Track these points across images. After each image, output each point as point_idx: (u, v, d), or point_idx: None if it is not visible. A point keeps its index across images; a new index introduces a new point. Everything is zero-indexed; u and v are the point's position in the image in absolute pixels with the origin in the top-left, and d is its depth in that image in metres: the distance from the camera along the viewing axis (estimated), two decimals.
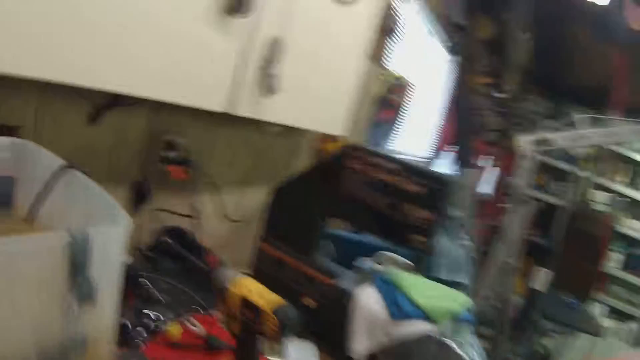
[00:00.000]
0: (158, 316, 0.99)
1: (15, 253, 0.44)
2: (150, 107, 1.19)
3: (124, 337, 0.90)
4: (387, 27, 2.08)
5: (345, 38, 1.43)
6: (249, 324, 0.76)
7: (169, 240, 1.23)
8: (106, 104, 1.13)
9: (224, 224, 1.51)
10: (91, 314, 0.52)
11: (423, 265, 1.37)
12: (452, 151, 3.57)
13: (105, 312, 0.55)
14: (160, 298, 1.05)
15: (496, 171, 4.11)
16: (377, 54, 2.08)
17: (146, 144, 1.27)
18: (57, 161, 0.71)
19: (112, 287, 0.56)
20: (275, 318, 0.72)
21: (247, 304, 0.76)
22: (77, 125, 1.13)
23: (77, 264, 0.48)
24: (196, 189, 1.35)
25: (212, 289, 0.81)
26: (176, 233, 1.26)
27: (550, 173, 4.41)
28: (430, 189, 1.18)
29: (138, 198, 1.29)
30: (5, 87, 0.97)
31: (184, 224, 1.33)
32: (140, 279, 1.06)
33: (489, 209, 3.68)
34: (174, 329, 0.98)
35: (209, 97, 1.07)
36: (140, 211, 1.30)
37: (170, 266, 1.18)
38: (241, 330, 0.79)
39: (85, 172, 0.68)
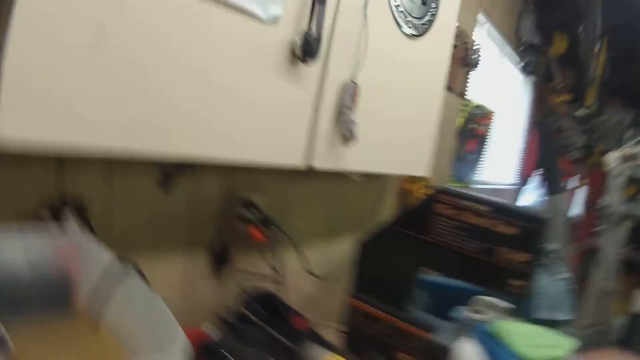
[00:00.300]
0: None
1: None
2: (223, 166, 1.16)
3: None
4: (462, 56, 1.98)
5: (422, 73, 1.35)
6: None
7: (250, 309, 1.17)
8: (176, 168, 1.12)
9: (309, 282, 1.45)
10: None
11: (522, 307, 1.28)
12: (538, 175, 3.38)
13: None
14: None
15: (584, 190, 3.84)
16: (455, 85, 1.98)
17: (222, 204, 1.24)
18: (107, 255, 0.63)
19: None
20: None
21: None
22: (149, 193, 1.12)
23: None
24: (277, 247, 1.31)
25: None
26: (261, 297, 1.21)
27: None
28: (525, 229, 1.11)
29: (218, 262, 1.26)
30: (81, 164, 0.99)
31: (267, 284, 1.29)
32: (222, 351, 0.98)
33: (581, 230, 3.43)
34: None
35: (284, 154, 1.03)
36: (221, 275, 1.27)
37: (256, 335, 1.11)
38: None
39: (134, 266, 0.61)
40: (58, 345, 0.58)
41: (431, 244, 1.17)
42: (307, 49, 0.93)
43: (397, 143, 1.26)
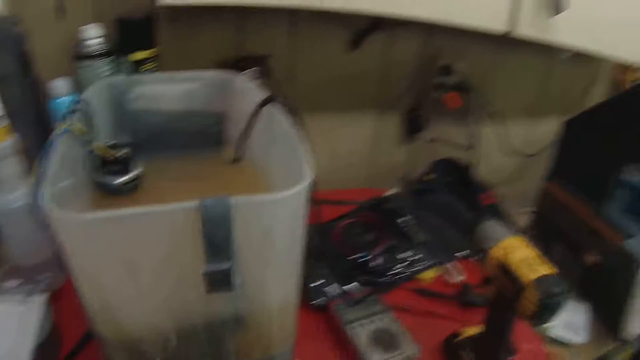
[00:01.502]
0: (413, 259, 0.94)
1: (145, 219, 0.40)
2: (421, 28, 1.11)
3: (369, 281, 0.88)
4: None
5: None
6: (504, 296, 0.65)
7: (437, 177, 1.17)
8: (367, 28, 1.09)
9: (506, 158, 1.37)
10: (250, 291, 0.46)
11: None
12: None
13: (275, 286, 0.49)
14: (420, 240, 0.99)
15: None
16: None
17: (418, 69, 1.20)
18: (261, 95, 0.65)
19: (288, 255, 0.49)
20: (535, 292, 0.59)
21: (507, 271, 0.64)
22: (337, 52, 1.12)
23: (212, 241, 0.41)
24: (474, 118, 1.24)
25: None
26: (450, 166, 1.17)
27: None
28: None
29: (412, 128, 1.25)
30: (256, 18, 1.02)
31: (461, 156, 1.24)
32: (399, 219, 1.01)
33: None
34: (426, 275, 0.93)
35: (485, 16, 0.93)
36: (412, 141, 1.27)
37: (438, 203, 1.11)
38: (494, 302, 0.68)
39: (287, 105, 0.62)
40: (203, 177, 0.61)
41: None
42: None
43: (614, 21, 1.03)
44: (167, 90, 0.70)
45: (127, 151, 0.63)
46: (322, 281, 0.88)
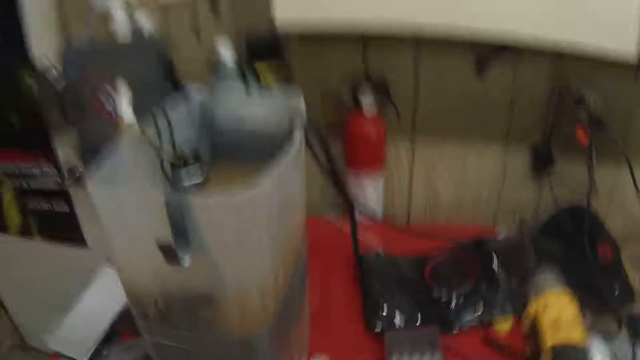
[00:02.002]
0: (492, 306, 0.87)
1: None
2: (552, 54, 1.04)
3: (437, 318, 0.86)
4: None
5: None
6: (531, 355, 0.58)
7: (553, 221, 1.09)
8: (493, 52, 1.08)
9: (637, 209, 1.15)
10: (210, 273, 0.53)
11: None
12: None
13: (232, 272, 0.54)
14: (509, 287, 0.90)
15: None
16: None
17: (549, 98, 1.12)
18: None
19: (248, 248, 0.53)
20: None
21: (535, 330, 0.58)
22: (461, 77, 1.12)
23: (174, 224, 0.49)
24: (606, 158, 1.08)
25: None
26: (574, 212, 1.06)
27: None
28: None
29: (540, 163, 1.17)
30: (381, 41, 1.08)
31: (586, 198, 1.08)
32: (494, 263, 0.95)
33: None
34: (503, 325, 0.83)
35: (614, 45, 0.86)
36: (539, 178, 1.19)
37: (549, 250, 1.00)
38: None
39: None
40: None
41: None
42: None
43: None
44: (250, 108, 0.80)
45: (195, 158, 0.74)
46: (390, 310, 0.89)
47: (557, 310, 0.58)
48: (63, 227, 1.57)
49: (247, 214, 0.49)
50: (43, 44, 1.22)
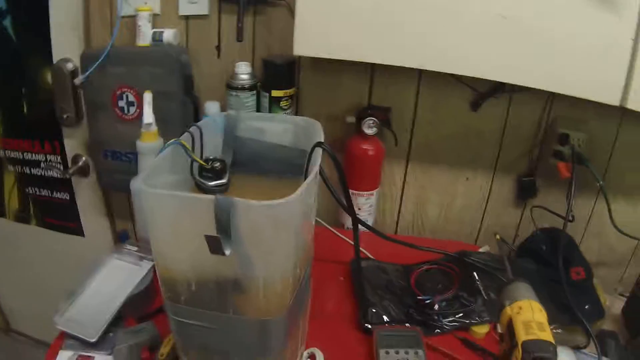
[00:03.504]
0: (472, 311, 0.98)
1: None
2: (541, 94, 1.13)
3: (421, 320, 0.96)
4: None
5: None
6: (504, 354, 0.68)
7: (531, 245, 1.17)
8: (489, 90, 1.19)
9: (614, 238, 1.27)
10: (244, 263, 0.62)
11: None
12: None
13: (263, 264, 0.63)
14: (488, 297, 1.01)
15: None
16: None
17: (536, 134, 1.24)
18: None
19: (276, 246, 0.63)
20: (521, 352, 0.62)
21: (510, 330, 0.68)
22: (458, 110, 1.24)
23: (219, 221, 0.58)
24: (585, 191, 1.22)
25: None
26: (551, 236, 1.15)
27: None
28: None
29: (524, 192, 1.29)
30: (387, 72, 1.19)
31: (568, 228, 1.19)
32: (476, 274, 1.06)
33: None
34: (481, 329, 0.96)
35: (599, 88, 0.97)
36: (521, 205, 1.31)
37: (523, 268, 1.10)
38: (501, 358, 0.71)
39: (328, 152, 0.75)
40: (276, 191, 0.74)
41: None
42: None
43: None
44: (268, 126, 0.89)
45: (221, 164, 0.83)
46: (380, 309, 0.99)
47: (529, 314, 0.68)
48: (61, 215, 1.63)
49: (283, 217, 0.59)
50: (66, 43, 1.29)
